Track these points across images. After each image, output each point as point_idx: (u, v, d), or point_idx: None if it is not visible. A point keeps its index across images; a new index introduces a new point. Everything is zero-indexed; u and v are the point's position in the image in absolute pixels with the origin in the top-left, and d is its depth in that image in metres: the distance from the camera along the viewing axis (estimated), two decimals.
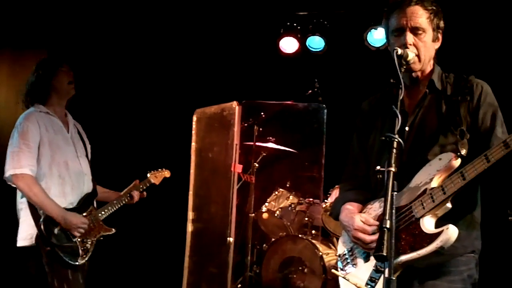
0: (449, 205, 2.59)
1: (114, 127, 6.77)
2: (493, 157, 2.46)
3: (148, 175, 4.96)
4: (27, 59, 6.52)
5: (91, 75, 6.32)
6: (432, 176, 2.63)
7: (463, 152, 2.63)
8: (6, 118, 6.35)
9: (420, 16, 2.76)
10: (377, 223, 2.75)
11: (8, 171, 4.12)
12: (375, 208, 2.87)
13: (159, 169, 5.05)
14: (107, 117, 6.72)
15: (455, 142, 2.68)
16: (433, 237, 2.54)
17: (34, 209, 4.12)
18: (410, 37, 2.75)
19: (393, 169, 2.35)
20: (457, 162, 2.59)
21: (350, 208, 2.95)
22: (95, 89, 6.47)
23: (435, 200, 2.58)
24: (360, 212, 2.92)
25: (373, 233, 2.74)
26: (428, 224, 2.60)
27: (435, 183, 2.61)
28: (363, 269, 2.81)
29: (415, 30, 2.76)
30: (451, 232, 2.51)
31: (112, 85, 6.88)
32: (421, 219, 2.62)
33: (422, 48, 2.78)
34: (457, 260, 2.72)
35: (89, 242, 4.29)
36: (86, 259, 4.24)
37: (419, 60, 2.78)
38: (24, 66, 6.49)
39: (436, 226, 2.60)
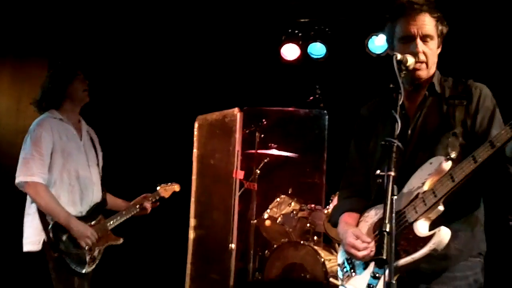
0: (441, 207, 2.59)
1: (115, 134, 6.77)
2: (480, 157, 2.47)
3: (158, 188, 4.91)
4: (29, 67, 6.56)
5: (92, 83, 6.35)
6: (424, 180, 2.64)
7: (453, 155, 2.64)
8: (8, 125, 6.38)
9: (429, 24, 2.75)
10: (369, 240, 2.76)
11: (19, 178, 4.13)
12: (371, 216, 2.88)
13: (169, 183, 4.99)
14: (107, 123, 6.72)
15: (454, 145, 2.69)
16: (426, 240, 2.54)
17: (43, 215, 4.13)
18: (420, 45, 2.74)
19: (392, 173, 2.35)
20: (447, 165, 2.60)
21: (346, 219, 2.96)
22: (97, 97, 6.48)
23: (427, 204, 2.59)
24: (358, 221, 2.94)
25: (365, 249, 2.75)
26: (421, 227, 2.61)
27: (427, 187, 2.63)
28: (362, 276, 2.81)
29: (424, 38, 2.75)
30: (443, 234, 2.51)
31: (113, 91, 6.89)
32: (414, 223, 2.62)
33: (430, 55, 2.78)
34: (463, 265, 2.71)
35: (97, 251, 4.29)
36: (93, 267, 4.25)
37: (427, 67, 2.79)
38: (26, 74, 6.52)
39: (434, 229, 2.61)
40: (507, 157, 2.51)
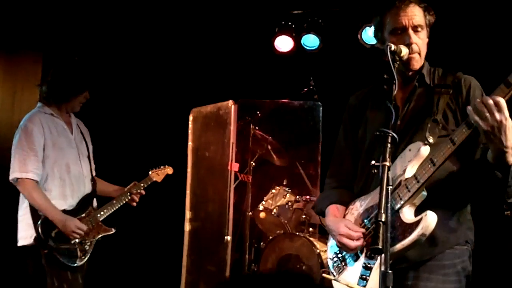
0: (424, 193, 2.64)
1: (111, 127, 6.78)
2: (457, 139, 2.54)
3: (150, 172, 4.85)
4: (23, 61, 6.53)
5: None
6: (404, 167, 2.68)
7: (431, 140, 2.68)
8: (2, 120, 6.36)
9: (418, 14, 2.80)
10: (363, 230, 2.80)
11: (13, 174, 4.16)
12: (357, 207, 2.91)
13: (161, 166, 4.94)
14: (103, 117, 6.72)
15: (433, 131, 2.72)
16: (414, 225, 2.58)
17: (34, 211, 4.14)
18: (414, 36, 2.78)
19: (387, 163, 2.38)
20: (425, 150, 2.64)
21: (335, 212, 2.98)
22: (93, 90, 6.48)
23: (411, 190, 2.63)
24: (344, 214, 2.96)
25: (358, 239, 2.78)
26: (407, 214, 2.64)
27: (408, 174, 2.66)
28: (353, 268, 2.84)
29: (416, 28, 2.79)
30: (430, 218, 2.54)
31: (108, 85, 6.87)
32: (400, 211, 2.66)
33: (422, 46, 2.82)
34: (451, 253, 2.75)
35: (88, 244, 4.30)
36: (85, 260, 4.25)
37: (420, 57, 2.82)
38: (20, 68, 6.50)
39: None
40: (492, 164, 2.56)
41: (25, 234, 4.16)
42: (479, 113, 2.44)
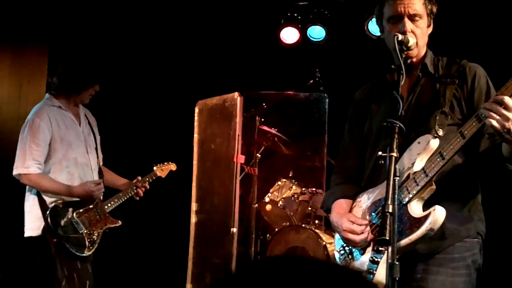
0: (433, 186, 2.59)
1: (116, 119, 6.77)
2: (467, 132, 2.50)
3: (154, 168, 4.89)
4: (29, 53, 6.54)
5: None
6: (413, 160, 2.65)
7: (440, 132, 2.65)
8: (9, 112, 6.39)
9: (417, 3, 2.77)
10: (366, 222, 2.77)
11: (16, 170, 4.19)
12: (364, 200, 2.88)
13: (165, 162, 4.98)
14: (109, 109, 6.72)
15: (442, 123, 2.69)
16: (422, 220, 2.55)
17: (42, 201, 4.15)
18: (409, 24, 2.75)
19: (394, 154, 2.37)
20: (435, 143, 2.61)
21: (339, 207, 2.96)
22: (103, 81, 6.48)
23: (419, 184, 2.60)
24: (351, 207, 2.94)
25: (362, 233, 2.76)
26: (415, 208, 2.61)
27: (417, 167, 2.63)
28: (360, 262, 2.82)
29: (413, 17, 2.76)
30: (438, 213, 2.51)
31: (114, 77, 6.86)
32: (408, 205, 2.62)
33: (420, 35, 2.79)
34: (461, 246, 2.72)
35: (96, 234, 4.32)
36: (93, 250, 4.28)
37: (417, 46, 2.79)
38: (27, 60, 6.51)
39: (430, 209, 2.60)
40: (505, 157, 2.54)
41: (33, 225, 4.18)
42: (490, 116, 2.41)
